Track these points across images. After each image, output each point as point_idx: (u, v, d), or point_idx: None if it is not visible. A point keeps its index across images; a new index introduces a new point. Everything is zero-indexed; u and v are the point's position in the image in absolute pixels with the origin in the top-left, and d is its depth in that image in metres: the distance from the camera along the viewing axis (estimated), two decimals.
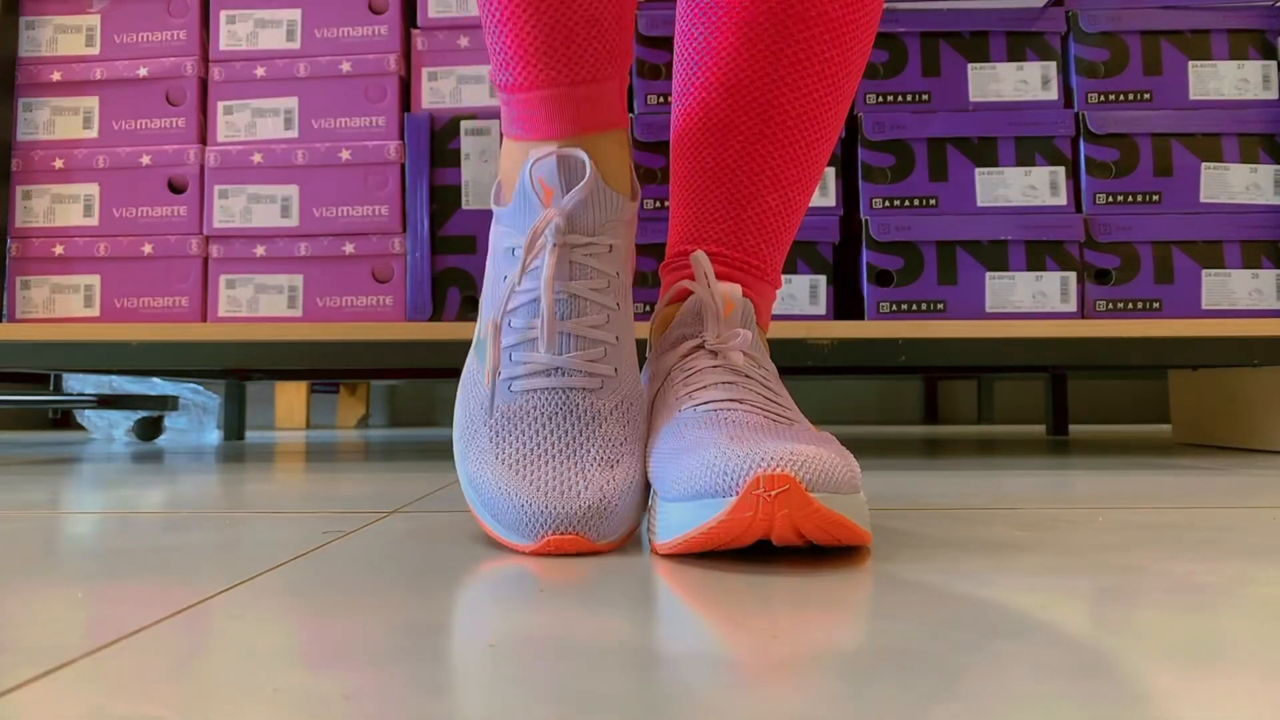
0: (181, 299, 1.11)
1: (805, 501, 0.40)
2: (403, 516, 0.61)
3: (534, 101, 0.52)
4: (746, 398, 0.50)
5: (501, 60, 0.52)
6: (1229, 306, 1.07)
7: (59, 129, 1.15)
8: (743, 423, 0.47)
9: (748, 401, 0.50)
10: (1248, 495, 0.70)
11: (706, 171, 0.59)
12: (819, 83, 0.58)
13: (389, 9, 1.13)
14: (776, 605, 0.35)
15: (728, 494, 0.41)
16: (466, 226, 1.09)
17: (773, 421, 0.48)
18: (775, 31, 0.56)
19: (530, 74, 0.51)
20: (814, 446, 0.42)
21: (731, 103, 0.58)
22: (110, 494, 0.76)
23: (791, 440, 0.43)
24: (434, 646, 0.30)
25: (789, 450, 0.41)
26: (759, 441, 0.43)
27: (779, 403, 0.51)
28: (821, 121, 0.59)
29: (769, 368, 0.55)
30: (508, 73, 0.52)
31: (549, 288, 0.50)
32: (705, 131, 0.59)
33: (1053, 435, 1.85)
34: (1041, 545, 0.48)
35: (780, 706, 0.24)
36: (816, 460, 0.41)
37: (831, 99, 0.59)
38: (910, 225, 1.07)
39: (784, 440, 0.43)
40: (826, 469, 0.41)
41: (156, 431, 1.84)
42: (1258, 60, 1.09)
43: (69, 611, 0.35)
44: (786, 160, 0.59)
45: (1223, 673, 0.27)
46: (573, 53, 0.51)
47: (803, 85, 0.58)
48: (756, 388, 0.51)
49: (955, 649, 0.29)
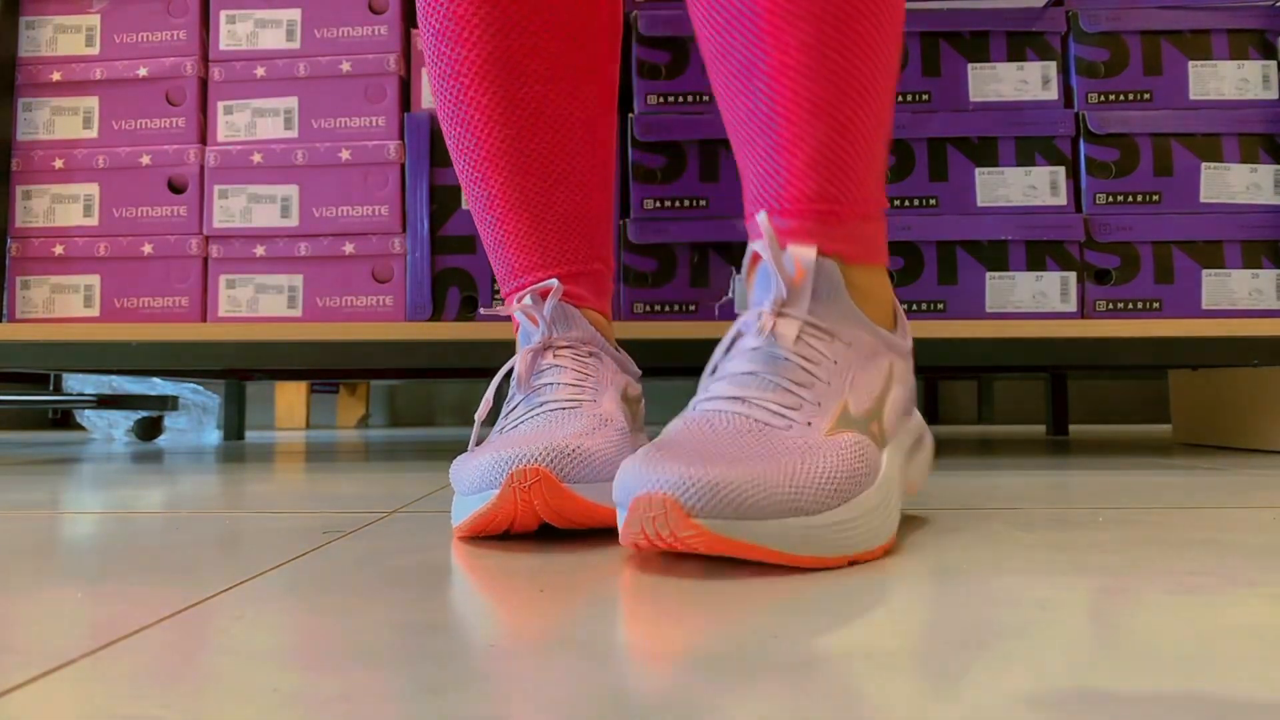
0: (181, 299, 1.11)
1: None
2: (403, 516, 0.61)
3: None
4: (751, 395, 0.48)
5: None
6: (1229, 306, 1.07)
7: (59, 129, 1.15)
8: (704, 435, 0.45)
9: (750, 399, 0.47)
10: (1248, 495, 0.70)
11: (764, 107, 0.53)
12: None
13: (389, 9, 1.13)
14: (776, 605, 0.35)
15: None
16: (466, 226, 1.09)
17: (759, 428, 0.46)
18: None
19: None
20: (745, 467, 0.41)
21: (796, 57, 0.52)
22: (110, 494, 0.76)
23: (730, 462, 0.41)
24: (433, 646, 0.30)
25: (685, 474, 0.40)
26: (659, 461, 0.42)
27: (797, 398, 0.48)
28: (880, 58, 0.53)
29: (842, 338, 0.50)
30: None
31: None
32: (755, 59, 0.53)
33: (1053, 435, 1.85)
34: (1041, 545, 0.48)
35: (780, 706, 0.24)
36: (713, 483, 0.40)
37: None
38: (910, 225, 1.07)
39: (705, 464, 0.41)
40: (721, 492, 0.40)
41: (156, 431, 1.84)
42: (1258, 60, 1.09)
43: (69, 611, 0.35)
44: (856, 49, 0.52)
45: (1222, 673, 0.27)
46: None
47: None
48: (775, 379, 0.48)
49: (955, 649, 0.29)
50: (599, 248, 0.69)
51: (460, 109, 0.66)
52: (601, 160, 0.69)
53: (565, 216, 0.67)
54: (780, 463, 0.42)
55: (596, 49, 0.68)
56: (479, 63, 0.65)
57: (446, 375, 1.69)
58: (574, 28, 0.66)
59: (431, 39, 0.66)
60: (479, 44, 0.64)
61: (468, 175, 0.67)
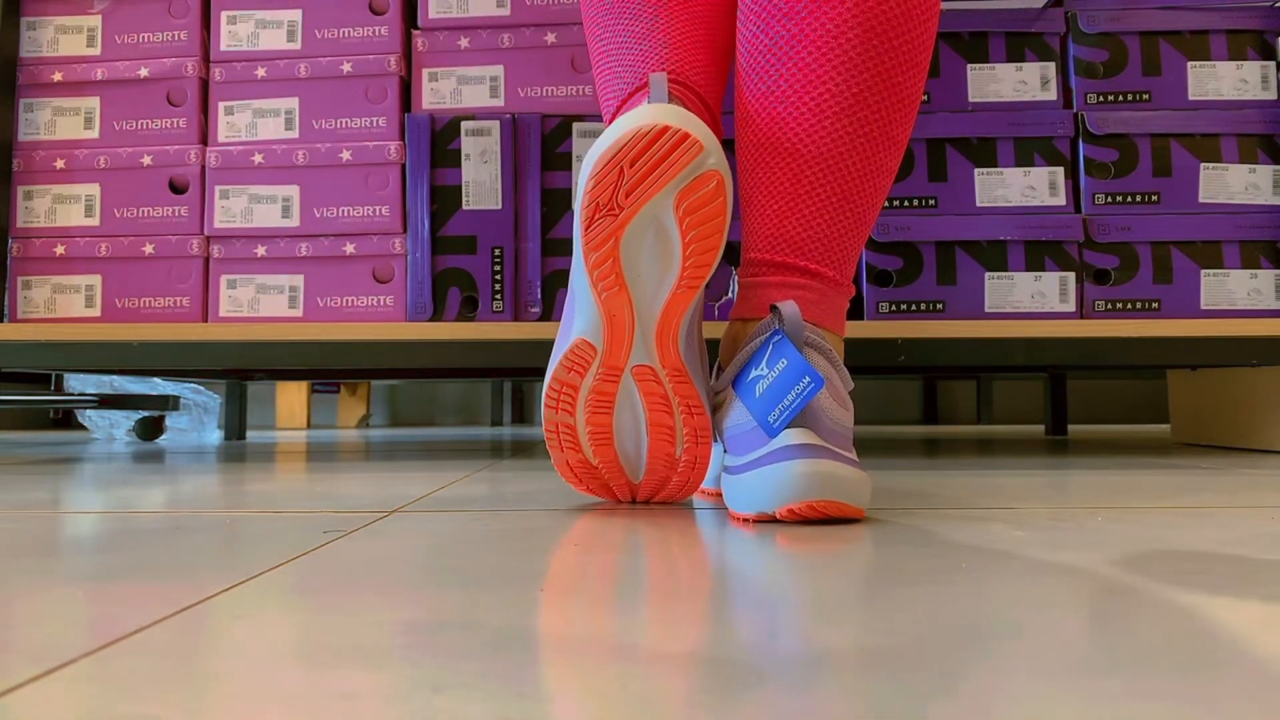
0: (182, 299, 1.12)
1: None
2: (403, 516, 0.61)
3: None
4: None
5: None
6: (1228, 306, 1.07)
7: (60, 129, 1.15)
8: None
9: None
10: (1247, 495, 0.70)
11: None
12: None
13: (389, 9, 1.13)
14: (775, 605, 0.35)
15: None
16: (467, 227, 1.10)
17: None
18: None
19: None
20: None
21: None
22: (111, 494, 0.76)
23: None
24: (434, 646, 0.30)
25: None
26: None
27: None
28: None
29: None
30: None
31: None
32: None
33: (1052, 435, 1.86)
34: (1041, 545, 0.48)
35: (780, 706, 0.24)
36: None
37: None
38: (910, 225, 1.07)
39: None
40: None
41: (157, 431, 1.84)
42: (1257, 61, 1.09)
43: (69, 611, 0.35)
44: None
45: (1222, 672, 0.27)
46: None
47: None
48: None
49: (955, 649, 0.29)
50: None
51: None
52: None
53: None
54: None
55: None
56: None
57: (447, 375, 1.69)
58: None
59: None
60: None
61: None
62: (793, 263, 0.64)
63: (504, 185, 1.09)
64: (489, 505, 0.67)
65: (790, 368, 0.57)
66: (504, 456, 1.25)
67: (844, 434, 0.59)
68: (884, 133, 0.63)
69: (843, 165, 0.63)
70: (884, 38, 0.61)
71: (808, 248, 0.64)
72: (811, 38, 0.62)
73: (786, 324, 0.58)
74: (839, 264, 0.65)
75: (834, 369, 0.60)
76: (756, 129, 0.64)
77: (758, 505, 0.56)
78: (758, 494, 0.56)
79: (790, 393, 0.56)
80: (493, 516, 0.61)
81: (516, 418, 3.10)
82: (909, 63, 0.63)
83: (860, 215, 0.65)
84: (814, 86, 0.62)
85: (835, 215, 0.64)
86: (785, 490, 0.54)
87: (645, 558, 0.46)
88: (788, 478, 0.54)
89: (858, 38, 0.61)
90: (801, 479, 0.54)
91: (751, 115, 0.65)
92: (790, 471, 0.54)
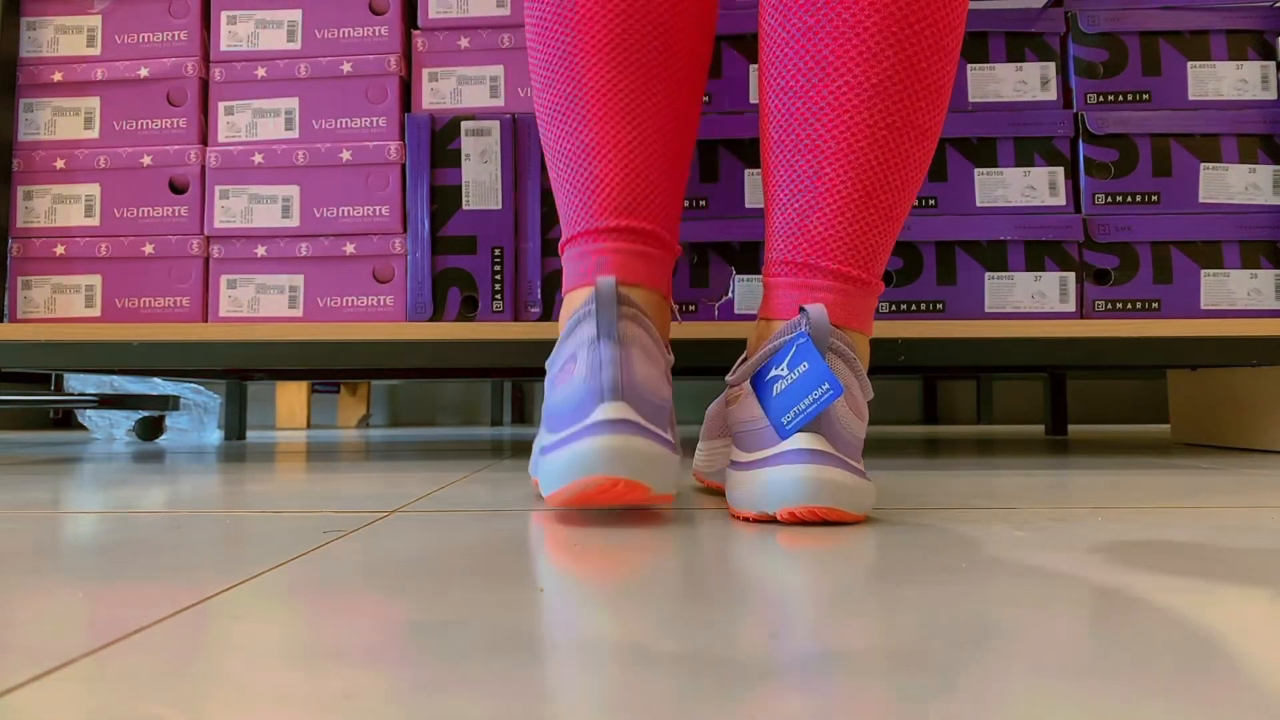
0: (182, 299, 1.12)
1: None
2: (403, 516, 0.61)
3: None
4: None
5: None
6: (1228, 306, 1.07)
7: (60, 129, 1.15)
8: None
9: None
10: (1247, 495, 0.70)
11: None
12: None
13: (389, 9, 1.13)
14: (776, 604, 0.35)
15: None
16: (467, 227, 1.10)
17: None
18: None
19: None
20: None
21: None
22: (111, 494, 0.76)
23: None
24: (434, 646, 0.30)
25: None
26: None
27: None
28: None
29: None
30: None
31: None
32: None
33: (1052, 435, 1.86)
34: (1041, 545, 0.48)
35: (780, 706, 0.24)
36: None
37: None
38: (909, 226, 1.07)
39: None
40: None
41: (157, 431, 1.84)
42: (1256, 61, 1.09)
43: (69, 611, 0.35)
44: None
45: (1223, 673, 0.27)
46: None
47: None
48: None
49: (955, 649, 0.29)
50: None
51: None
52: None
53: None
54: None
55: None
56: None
57: (447, 375, 1.69)
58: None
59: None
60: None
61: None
62: (815, 263, 0.62)
63: (504, 185, 1.09)
64: (489, 505, 0.67)
65: (810, 372, 0.56)
66: (504, 456, 1.25)
67: (855, 444, 0.58)
68: (909, 122, 0.61)
69: (864, 159, 0.61)
70: (906, 23, 0.59)
71: (830, 247, 0.62)
72: (828, 29, 0.60)
73: (813, 328, 0.58)
74: (865, 262, 0.63)
75: (855, 377, 0.59)
76: (776, 124, 0.63)
77: (759, 505, 0.56)
78: (760, 494, 0.56)
79: (808, 397, 0.56)
80: (493, 516, 0.61)
81: (516, 418, 3.11)
82: (934, 47, 0.60)
83: (886, 211, 0.62)
84: (831, 78, 0.60)
85: (859, 212, 0.62)
86: (788, 493, 0.54)
87: (646, 557, 0.46)
88: (792, 481, 0.54)
89: (876, 26, 0.59)
90: (806, 483, 0.54)
91: (771, 111, 0.64)
92: (795, 475, 0.54)
